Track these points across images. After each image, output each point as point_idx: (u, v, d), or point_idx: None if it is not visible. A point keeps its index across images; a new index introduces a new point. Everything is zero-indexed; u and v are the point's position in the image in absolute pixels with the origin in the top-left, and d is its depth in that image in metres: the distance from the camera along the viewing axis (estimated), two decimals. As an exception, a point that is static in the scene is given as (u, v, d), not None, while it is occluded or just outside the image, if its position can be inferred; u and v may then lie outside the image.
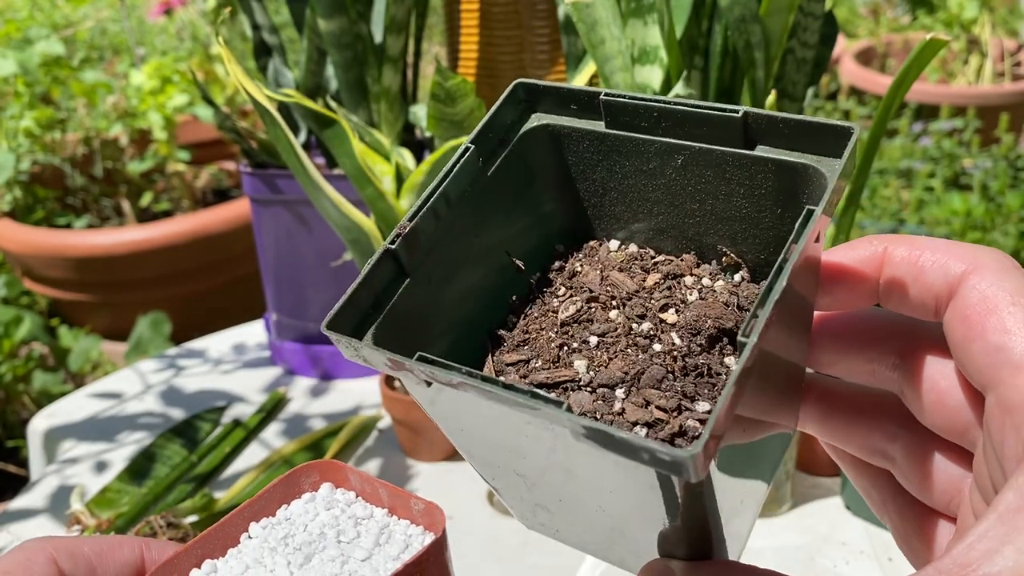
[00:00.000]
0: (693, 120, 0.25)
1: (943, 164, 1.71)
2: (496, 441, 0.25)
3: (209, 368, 0.84)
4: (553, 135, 0.27)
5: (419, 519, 0.27)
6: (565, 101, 0.27)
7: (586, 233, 0.29)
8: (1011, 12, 2.29)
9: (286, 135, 0.57)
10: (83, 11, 1.98)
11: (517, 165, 0.28)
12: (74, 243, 1.38)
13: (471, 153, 0.26)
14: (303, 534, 0.27)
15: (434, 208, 0.26)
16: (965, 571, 0.19)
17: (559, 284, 0.28)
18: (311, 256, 0.77)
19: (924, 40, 0.45)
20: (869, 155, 0.52)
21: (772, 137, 0.24)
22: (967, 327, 0.22)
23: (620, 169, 0.27)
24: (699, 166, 0.25)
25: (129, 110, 1.53)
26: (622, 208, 0.28)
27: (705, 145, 0.25)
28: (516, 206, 0.28)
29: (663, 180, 0.26)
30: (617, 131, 0.26)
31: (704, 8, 0.59)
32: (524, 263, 0.28)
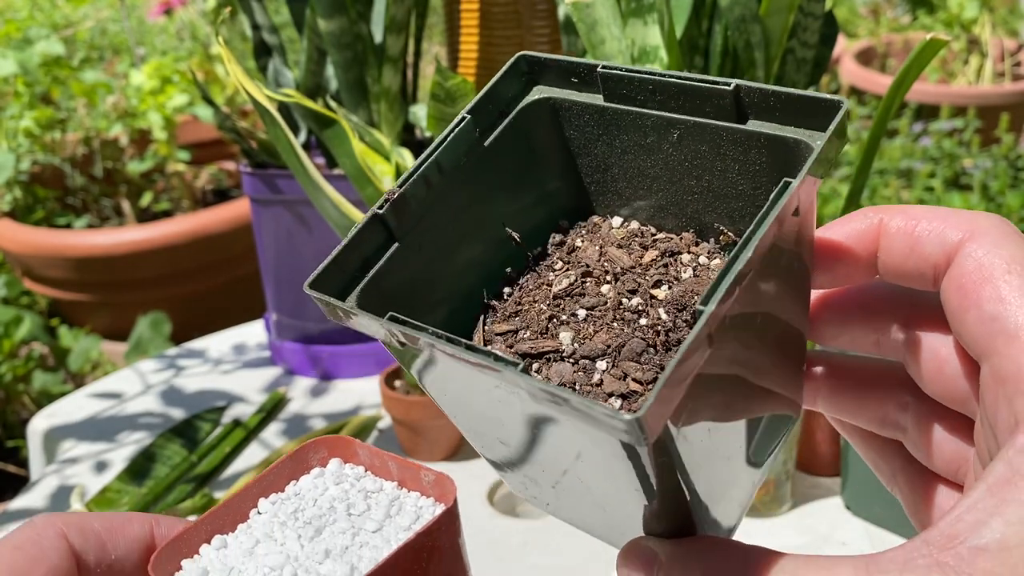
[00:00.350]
0: (686, 93, 0.25)
1: (943, 164, 1.71)
2: (476, 408, 0.25)
3: (209, 368, 0.84)
4: (554, 108, 0.27)
5: (429, 490, 0.27)
6: (566, 74, 0.27)
7: (589, 211, 0.29)
8: (1011, 12, 2.29)
9: (286, 135, 0.57)
10: (83, 11, 1.98)
11: (517, 138, 0.27)
12: (74, 243, 1.38)
13: (467, 122, 0.26)
14: (313, 508, 0.27)
15: (425, 175, 0.25)
16: (952, 543, 0.18)
17: (557, 258, 0.28)
18: (311, 256, 0.77)
19: (924, 40, 0.45)
20: (869, 155, 0.52)
21: (764, 111, 0.24)
22: (962, 296, 0.21)
23: (619, 144, 0.27)
24: (694, 141, 0.25)
25: (129, 110, 1.53)
26: (624, 184, 0.28)
27: (699, 119, 0.25)
28: (517, 181, 0.28)
29: (661, 156, 0.26)
30: (615, 104, 0.26)
31: (704, 8, 0.59)
32: (527, 239, 0.28)
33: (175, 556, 0.25)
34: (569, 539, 0.60)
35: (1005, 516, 0.18)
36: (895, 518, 0.59)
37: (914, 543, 0.19)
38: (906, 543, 0.19)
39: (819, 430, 0.64)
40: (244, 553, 0.25)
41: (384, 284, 0.25)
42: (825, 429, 0.63)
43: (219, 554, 0.26)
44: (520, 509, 0.65)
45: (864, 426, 0.27)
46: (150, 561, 0.24)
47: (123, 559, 0.25)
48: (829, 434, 0.63)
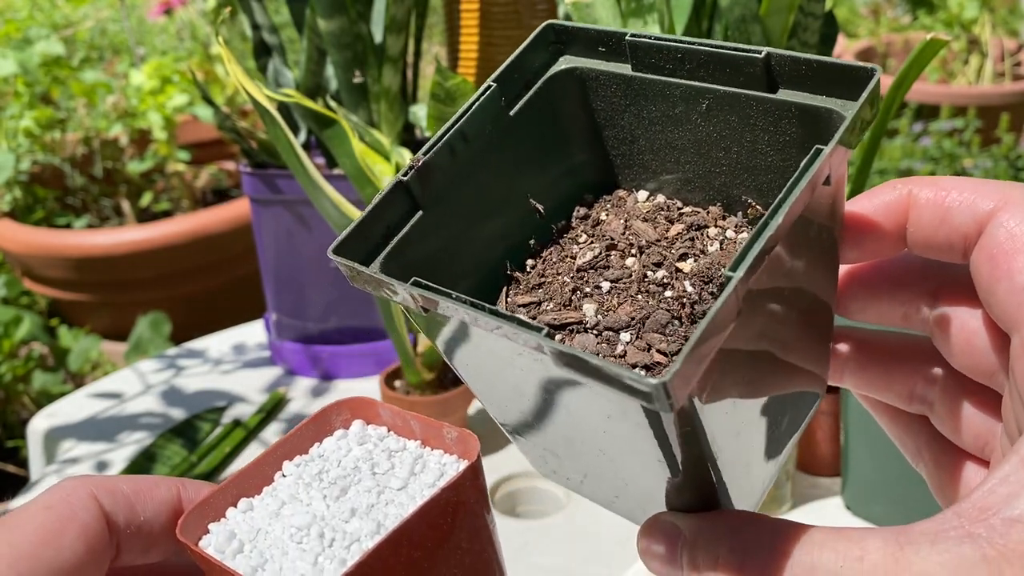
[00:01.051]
0: (716, 61, 0.24)
1: (943, 164, 1.71)
2: (498, 378, 0.25)
3: (209, 368, 0.84)
4: (581, 78, 0.27)
5: (452, 448, 0.27)
6: (594, 43, 0.26)
7: (615, 185, 0.29)
8: (1011, 12, 2.29)
9: (286, 135, 0.57)
10: (83, 11, 1.98)
11: (543, 109, 0.27)
12: (74, 243, 1.38)
13: (493, 91, 0.26)
14: (337, 469, 0.27)
15: (450, 144, 0.25)
16: (985, 514, 0.18)
17: (581, 232, 0.27)
18: (311, 256, 0.77)
19: (924, 40, 0.45)
20: (869, 155, 0.52)
21: (795, 80, 0.23)
22: (993, 266, 0.21)
23: (647, 115, 0.26)
24: (723, 111, 0.25)
25: (129, 110, 1.53)
26: (650, 157, 0.27)
27: (728, 88, 0.24)
28: (542, 153, 0.27)
29: (689, 127, 0.26)
30: (643, 74, 0.26)
31: (704, 8, 0.59)
32: (551, 211, 0.27)
33: (202, 520, 0.25)
34: (569, 539, 0.60)
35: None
36: (895, 518, 0.59)
37: (945, 515, 0.19)
38: (937, 516, 0.19)
39: (819, 430, 0.64)
40: (270, 515, 0.26)
41: (407, 253, 0.25)
42: (825, 429, 0.63)
43: (245, 516, 0.26)
44: (520, 509, 0.65)
45: (891, 402, 0.26)
46: (178, 525, 0.24)
47: (151, 521, 0.25)
48: (829, 434, 0.63)
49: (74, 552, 0.23)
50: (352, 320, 0.80)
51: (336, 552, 0.24)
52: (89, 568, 0.23)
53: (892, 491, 0.57)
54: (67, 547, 0.23)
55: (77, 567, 0.23)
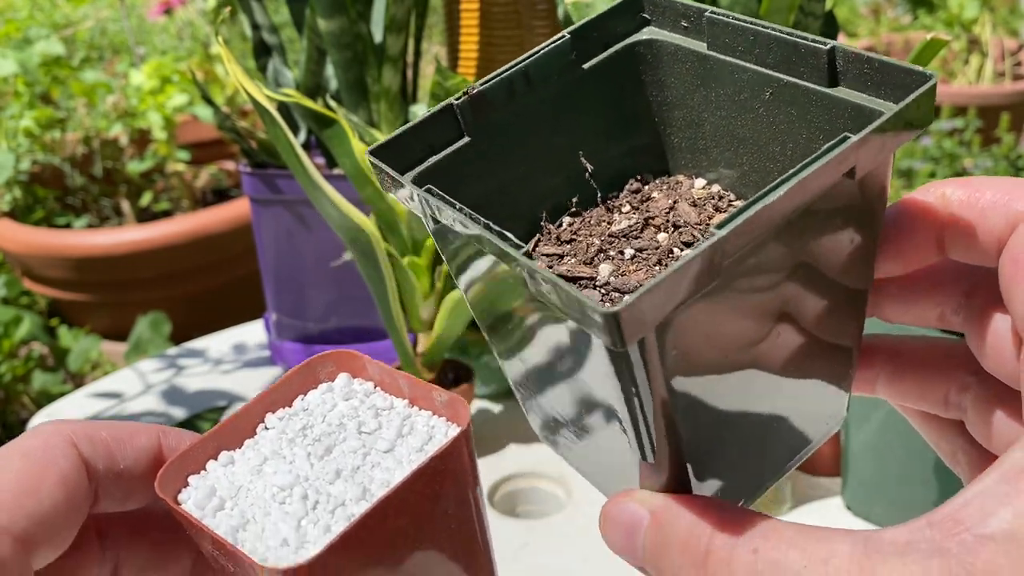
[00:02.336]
0: (784, 47, 0.24)
1: (944, 164, 1.71)
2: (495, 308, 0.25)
3: (210, 368, 0.84)
4: (661, 51, 0.27)
5: (442, 411, 0.26)
6: (679, 16, 0.27)
7: (674, 171, 0.29)
8: (1012, 12, 2.29)
9: (286, 135, 0.57)
10: (83, 11, 1.98)
11: (618, 75, 0.27)
12: (74, 243, 1.38)
13: (565, 41, 0.25)
14: (322, 425, 0.26)
15: (510, 80, 0.25)
16: (957, 528, 0.18)
17: (627, 202, 0.27)
18: (311, 256, 0.77)
19: (925, 40, 0.45)
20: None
21: (856, 78, 0.23)
22: (1016, 269, 0.20)
23: (715, 97, 0.26)
24: (784, 103, 0.25)
25: (129, 110, 1.53)
26: (713, 144, 0.27)
27: (791, 78, 0.24)
28: (609, 122, 0.27)
29: (752, 115, 0.26)
30: (717, 54, 0.26)
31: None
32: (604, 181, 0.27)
33: (181, 472, 0.25)
34: (569, 539, 0.60)
35: (1015, 506, 0.17)
36: (896, 518, 0.59)
37: (918, 524, 0.18)
38: (910, 523, 0.19)
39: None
40: (252, 471, 0.25)
41: (441, 179, 0.24)
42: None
43: (226, 471, 0.25)
44: (520, 509, 0.65)
45: (927, 409, 0.26)
46: (156, 479, 0.24)
47: (131, 468, 0.24)
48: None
49: (53, 500, 0.22)
50: (352, 320, 0.80)
51: (320, 516, 0.23)
52: (68, 515, 0.23)
53: (892, 491, 0.57)
54: (46, 495, 0.22)
55: (57, 515, 0.22)
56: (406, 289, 0.62)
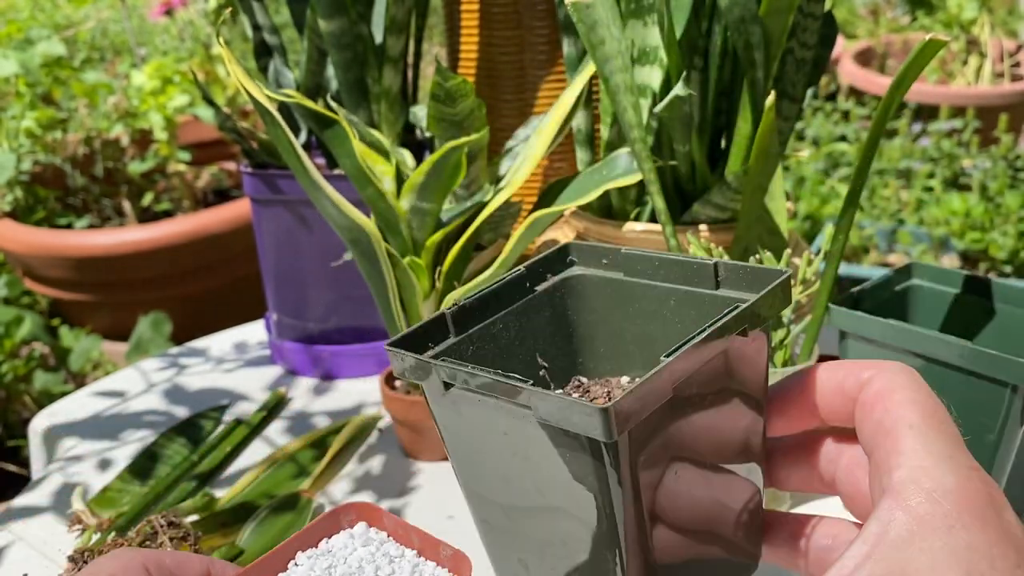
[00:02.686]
0: (681, 266, 0.33)
1: (942, 164, 1.71)
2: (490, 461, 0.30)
3: (211, 367, 0.85)
4: (585, 283, 0.36)
5: (446, 563, 0.30)
6: (599, 255, 0.35)
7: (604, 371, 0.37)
8: (1010, 13, 2.29)
9: (287, 135, 0.58)
10: (84, 11, 1.98)
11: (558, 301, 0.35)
12: (75, 243, 1.38)
13: (522, 272, 0.35)
14: (343, 566, 0.31)
15: (485, 297, 0.33)
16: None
17: (572, 392, 0.35)
18: (312, 256, 0.77)
19: (923, 40, 0.45)
20: (868, 156, 0.52)
21: (734, 281, 0.31)
22: (862, 410, 0.28)
23: (632, 311, 0.34)
24: (686, 306, 0.33)
25: (130, 110, 1.53)
26: (633, 347, 0.35)
27: (689, 288, 0.33)
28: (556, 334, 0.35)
29: (661, 320, 0.34)
30: (632, 278, 0.34)
31: (704, 9, 0.59)
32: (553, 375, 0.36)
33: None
34: None
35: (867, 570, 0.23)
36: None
37: None
38: None
39: (818, 429, 0.64)
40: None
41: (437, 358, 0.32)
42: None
43: None
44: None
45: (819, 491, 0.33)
46: None
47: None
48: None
49: None
50: (353, 320, 0.80)
51: None
52: None
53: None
54: None
55: None
56: (406, 289, 0.62)
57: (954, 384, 0.51)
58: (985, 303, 0.59)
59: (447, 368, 0.28)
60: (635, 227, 0.63)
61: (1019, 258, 1.53)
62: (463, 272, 0.63)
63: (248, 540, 0.57)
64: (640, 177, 0.58)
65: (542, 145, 0.62)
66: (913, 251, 1.58)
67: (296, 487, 0.63)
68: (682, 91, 0.54)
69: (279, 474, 0.65)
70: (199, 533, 0.55)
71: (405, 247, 0.62)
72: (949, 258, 1.54)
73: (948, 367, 0.51)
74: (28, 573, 0.58)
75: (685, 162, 0.61)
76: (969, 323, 0.59)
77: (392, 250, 0.61)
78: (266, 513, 0.59)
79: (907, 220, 1.65)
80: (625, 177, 0.60)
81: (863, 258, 1.60)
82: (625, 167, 0.60)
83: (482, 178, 0.65)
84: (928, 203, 1.63)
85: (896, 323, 0.52)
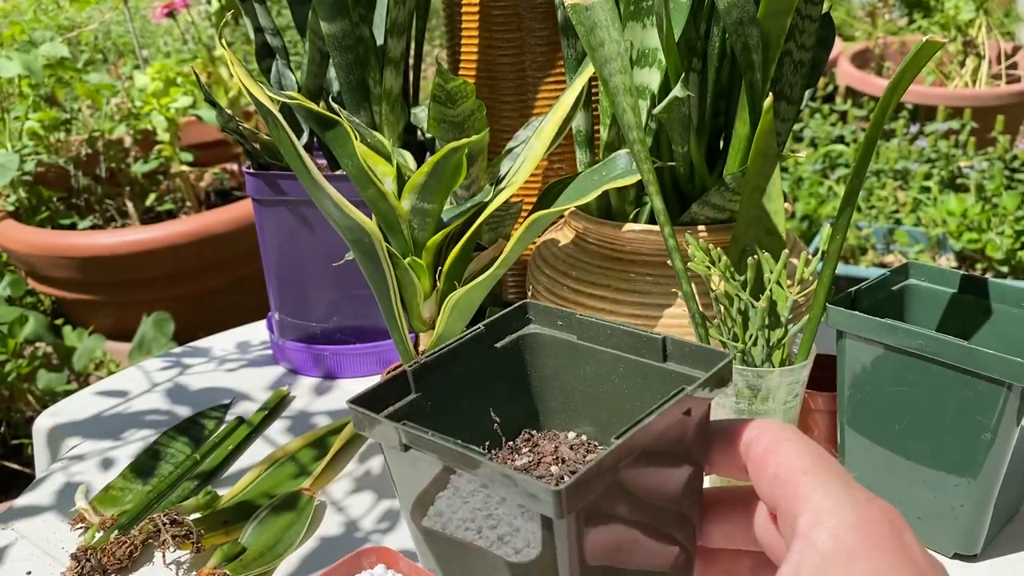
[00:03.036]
0: (631, 337, 0.35)
1: (939, 165, 1.71)
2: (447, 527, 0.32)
3: (214, 366, 0.85)
4: (540, 342, 0.38)
5: None
6: (554, 318, 0.38)
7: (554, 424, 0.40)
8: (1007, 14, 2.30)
9: (289, 136, 0.58)
10: (87, 13, 1.99)
11: (514, 357, 0.38)
12: (78, 243, 1.39)
13: (481, 330, 0.37)
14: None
15: (444, 355, 0.35)
16: None
17: (523, 446, 0.38)
18: (313, 256, 0.78)
19: (920, 42, 0.45)
20: (866, 156, 0.53)
21: (680, 357, 0.34)
22: (754, 468, 0.29)
23: (583, 373, 0.37)
24: (633, 375, 0.35)
25: (133, 111, 1.54)
26: (582, 406, 0.37)
27: (638, 358, 0.35)
28: (509, 388, 0.38)
29: (610, 384, 0.36)
30: (584, 342, 0.37)
31: (702, 11, 0.60)
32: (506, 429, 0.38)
33: None
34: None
35: None
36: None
37: None
38: None
39: (816, 429, 0.64)
40: None
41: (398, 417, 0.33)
42: (822, 428, 0.64)
43: None
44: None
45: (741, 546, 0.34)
46: None
47: None
48: (826, 433, 0.64)
49: None
50: (354, 320, 0.81)
51: None
52: None
53: (889, 491, 0.58)
54: None
55: None
56: (407, 289, 0.63)
57: (951, 383, 0.51)
58: (982, 303, 0.60)
59: (408, 432, 0.30)
60: (634, 227, 0.63)
61: (1016, 258, 1.53)
62: (464, 272, 0.64)
63: (249, 538, 0.57)
64: (639, 178, 0.59)
65: (542, 146, 0.62)
66: (910, 251, 1.58)
67: (297, 486, 0.63)
68: (681, 93, 0.55)
69: (280, 473, 0.66)
70: (201, 531, 0.56)
71: (406, 247, 0.63)
72: (946, 258, 1.55)
73: (945, 366, 0.51)
74: (32, 571, 0.58)
75: (684, 163, 0.62)
76: (966, 323, 0.60)
77: (393, 250, 0.62)
78: (267, 512, 0.59)
79: (904, 220, 1.66)
80: (624, 178, 0.60)
81: (860, 258, 1.61)
82: (624, 168, 0.61)
83: (482, 179, 0.66)
84: (925, 204, 1.64)
85: (893, 323, 0.52)
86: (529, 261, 0.73)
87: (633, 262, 0.64)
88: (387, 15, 0.70)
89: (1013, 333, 0.58)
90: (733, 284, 0.53)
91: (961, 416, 0.52)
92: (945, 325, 0.60)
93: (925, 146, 1.74)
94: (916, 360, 0.52)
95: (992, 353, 0.49)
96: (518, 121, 0.77)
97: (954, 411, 0.52)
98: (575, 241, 0.69)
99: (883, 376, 0.54)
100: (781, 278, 0.53)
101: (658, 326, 0.61)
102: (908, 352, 0.52)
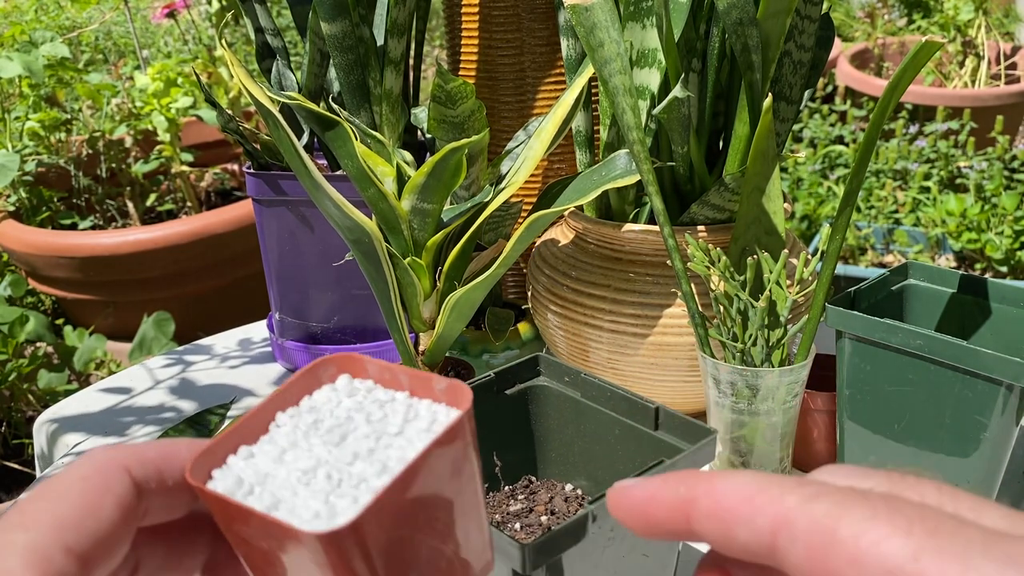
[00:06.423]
0: (628, 402, 0.38)
1: (939, 165, 1.72)
2: None
3: (216, 364, 0.85)
4: (547, 394, 0.40)
5: (442, 397, 0.27)
6: (561, 373, 0.40)
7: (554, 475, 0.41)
8: (1006, 15, 2.30)
9: (289, 137, 0.58)
10: (88, 14, 1.99)
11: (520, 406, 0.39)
12: (79, 243, 1.39)
13: (492, 377, 0.39)
14: (331, 419, 0.27)
15: None
16: None
17: (520, 492, 0.40)
18: (314, 256, 0.78)
19: (920, 42, 0.46)
20: (865, 157, 0.53)
21: (671, 427, 0.36)
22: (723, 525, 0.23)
23: (583, 429, 0.39)
24: (627, 438, 0.37)
25: (134, 112, 1.54)
26: (579, 460, 0.39)
27: (632, 423, 0.37)
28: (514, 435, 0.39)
29: (606, 444, 0.38)
30: (586, 400, 0.39)
31: (702, 11, 0.60)
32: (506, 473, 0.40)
33: (205, 467, 0.26)
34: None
35: None
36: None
37: None
38: None
39: (815, 428, 0.65)
40: (273, 460, 0.26)
41: None
42: (821, 427, 0.64)
43: (248, 463, 0.26)
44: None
45: None
46: (186, 472, 0.25)
47: (179, 483, 0.26)
48: (825, 432, 0.64)
49: (112, 521, 0.24)
50: (354, 320, 0.81)
51: (346, 491, 0.24)
52: (124, 535, 0.25)
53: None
54: (106, 517, 0.24)
55: (114, 534, 0.24)
56: (407, 289, 0.63)
57: (950, 383, 0.51)
58: (981, 303, 0.60)
59: None
60: (633, 227, 0.64)
61: (1015, 258, 1.53)
62: (464, 272, 0.64)
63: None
64: (638, 178, 0.59)
65: (542, 146, 0.62)
66: (909, 251, 1.58)
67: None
68: (680, 93, 0.55)
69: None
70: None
71: (406, 247, 0.63)
72: (945, 258, 1.55)
73: (944, 366, 0.51)
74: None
75: (683, 163, 0.62)
76: (965, 322, 0.60)
77: (393, 250, 0.62)
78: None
79: (903, 221, 1.66)
80: (624, 178, 0.60)
81: (860, 258, 1.61)
82: (624, 168, 0.61)
83: (482, 179, 0.66)
84: (924, 204, 1.64)
85: (892, 322, 0.53)
86: (529, 261, 0.73)
87: (633, 262, 0.64)
88: (387, 15, 0.70)
89: (1012, 333, 0.58)
90: (732, 284, 0.53)
91: (960, 416, 0.52)
92: (944, 325, 0.60)
93: (924, 146, 1.74)
94: (915, 360, 0.52)
95: (991, 353, 0.49)
96: (518, 121, 0.77)
97: (953, 411, 0.52)
98: (575, 241, 0.69)
99: (882, 376, 0.54)
100: (780, 278, 0.53)
101: (658, 326, 0.62)
102: (907, 352, 0.52)
